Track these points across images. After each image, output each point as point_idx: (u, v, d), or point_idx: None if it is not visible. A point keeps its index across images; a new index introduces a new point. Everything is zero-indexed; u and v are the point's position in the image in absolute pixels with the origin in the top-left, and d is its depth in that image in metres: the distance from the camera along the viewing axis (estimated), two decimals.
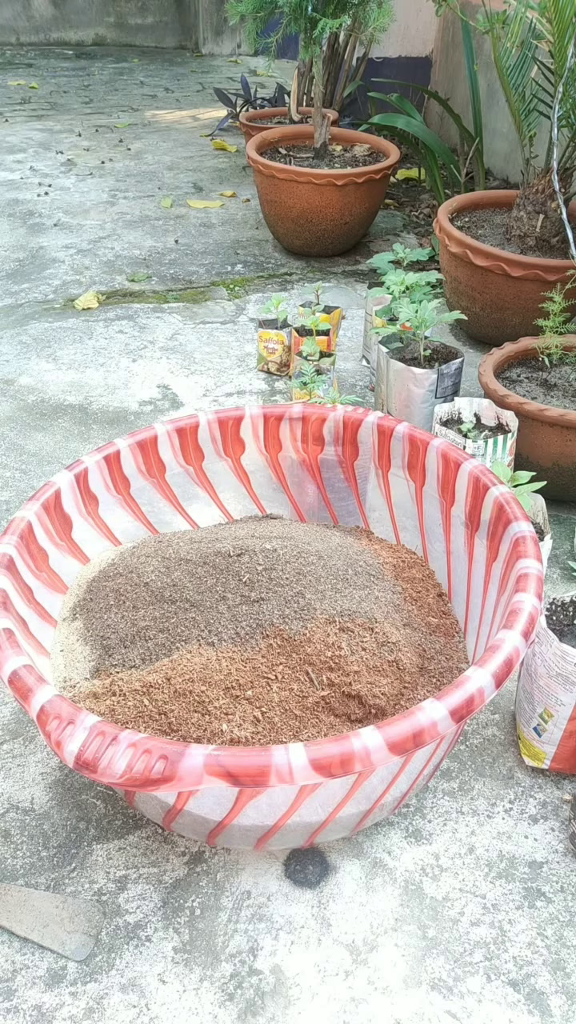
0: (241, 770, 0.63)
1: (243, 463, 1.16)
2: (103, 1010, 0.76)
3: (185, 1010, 0.76)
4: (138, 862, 0.87)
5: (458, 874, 0.87)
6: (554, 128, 1.62)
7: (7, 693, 1.05)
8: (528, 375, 1.44)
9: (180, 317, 2.00)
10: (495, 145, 2.79)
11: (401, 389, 1.40)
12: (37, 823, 0.91)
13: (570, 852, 0.89)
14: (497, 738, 1.01)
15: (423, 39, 3.28)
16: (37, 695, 0.69)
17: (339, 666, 0.86)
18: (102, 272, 2.21)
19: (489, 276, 1.69)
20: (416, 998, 0.77)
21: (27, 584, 0.90)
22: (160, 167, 3.04)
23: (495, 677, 0.71)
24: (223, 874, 0.86)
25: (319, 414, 1.12)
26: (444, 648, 0.98)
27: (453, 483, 1.02)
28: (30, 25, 4.90)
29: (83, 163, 3.03)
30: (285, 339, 1.71)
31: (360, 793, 0.77)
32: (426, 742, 0.66)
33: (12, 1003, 0.76)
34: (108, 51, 4.97)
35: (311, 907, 0.84)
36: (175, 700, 0.83)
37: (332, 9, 2.08)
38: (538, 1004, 0.77)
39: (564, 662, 0.86)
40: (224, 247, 2.39)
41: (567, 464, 1.31)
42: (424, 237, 2.49)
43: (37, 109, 3.72)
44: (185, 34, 5.11)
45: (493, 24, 1.63)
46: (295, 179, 2.13)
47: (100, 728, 0.66)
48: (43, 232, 2.43)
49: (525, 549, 0.86)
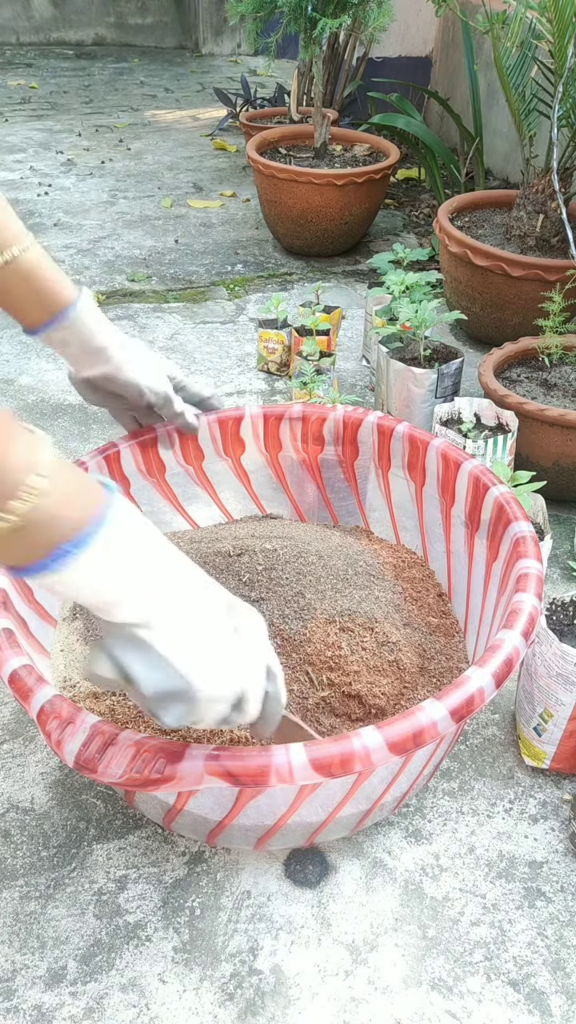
0: (241, 770, 0.63)
1: (243, 463, 1.16)
2: (103, 1010, 0.76)
3: (185, 1010, 0.76)
4: (138, 862, 0.87)
5: (458, 874, 0.87)
6: (554, 128, 1.62)
7: (7, 693, 1.05)
8: (528, 375, 1.44)
9: (180, 317, 2.00)
10: (495, 145, 2.79)
11: (401, 389, 1.40)
12: (37, 823, 0.91)
13: (570, 852, 0.89)
14: (497, 738, 1.01)
15: (423, 39, 3.28)
16: (37, 695, 0.69)
17: (339, 666, 0.86)
18: (102, 272, 2.21)
19: (489, 276, 1.69)
20: (416, 998, 0.77)
21: (27, 584, 0.90)
22: (160, 167, 3.04)
23: (495, 677, 0.71)
24: (223, 874, 0.86)
25: (319, 414, 1.12)
26: (444, 648, 0.98)
27: (453, 483, 1.02)
28: (30, 25, 4.90)
29: (83, 163, 3.03)
30: (285, 339, 1.71)
31: (360, 793, 0.77)
32: (426, 742, 0.66)
33: (12, 1003, 0.76)
34: (108, 51, 4.96)
35: (311, 907, 0.84)
36: None
37: (332, 9, 2.08)
38: (538, 1004, 0.77)
39: (564, 662, 0.86)
40: (224, 247, 2.39)
41: (567, 464, 1.31)
42: (424, 237, 2.49)
43: (37, 109, 3.72)
44: (185, 34, 5.11)
45: (493, 24, 1.63)
46: (295, 179, 2.13)
47: (100, 728, 0.66)
48: (43, 232, 2.43)
49: (525, 549, 0.86)
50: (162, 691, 0.53)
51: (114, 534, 0.50)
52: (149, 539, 0.53)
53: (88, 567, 0.49)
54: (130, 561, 0.51)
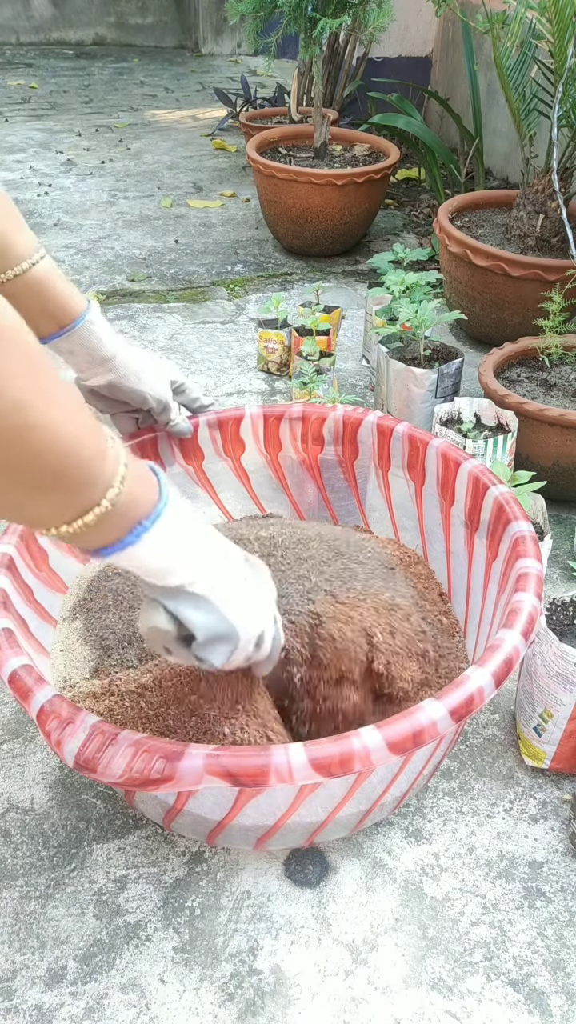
0: (241, 770, 0.63)
1: (243, 463, 1.16)
2: (103, 1010, 0.76)
3: (185, 1010, 0.76)
4: (138, 862, 0.87)
5: (458, 874, 0.87)
6: (554, 128, 1.62)
7: (7, 693, 1.05)
8: (528, 375, 1.44)
9: (180, 317, 2.00)
10: (495, 145, 2.79)
11: (401, 389, 1.40)
12: (37, 823, 0.91)
13: (570, 852, 0.89)
14: (497, 738, 1.01)
15: (423, 39, 3.28)
16: (37, 695, 0.69)
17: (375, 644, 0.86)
18: (102, 272, 2.21)
19: (489, 276, 1.69)
20: (416, 998, 0.77)
21: (27, 584, 0.90)
22: (160, 167, 3.04)
23: (495, 677, 0.71)
24: (223, 874, 0.86)
25: (319, 414, 1.12)
26: (452, 648, 0.98)
27: (453, 483, 1.02)
28: (30, 25, 4.90)
29: (83, 163, 3.03)
30: (285, 339, 1.71)
31: (360, 793, 0.77)
32: (426, 742, 0.66)
33: (12, 1003, 0.76)
34: (108, 51, 4.96)
35: (311, 907, 0.84)
36: (170, 705, 0.83)
37: (332, 9, 2.08)
38: (538, 1004, 0.77)
39: (564, 662, 0.86)
40: (224, 247, 2.39)
41: (567, 464, 1.31)
42: (424, 237, 2.49)
43: (37, 109, 3.72)
44: (185, 34, 5.11)
45: (493, 24, 1.63)
46: (295, 179, 2.13)
47: (100, 728, 0.66)
48: (43, 232, 2.43)
49: (525, 549, 0.86)
50: (213, 634, 0.62)
51: (171, 507, 0.57)
52: (189, 510, 0.61)
53: (156, 539, 0.56)
54: (183, 529, 0.58)
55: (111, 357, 0.90)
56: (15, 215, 0.81)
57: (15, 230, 0.80)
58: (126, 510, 0.53)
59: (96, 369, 0.91)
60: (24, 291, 0.82)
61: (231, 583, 0.63)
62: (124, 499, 0.52)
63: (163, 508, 0.56)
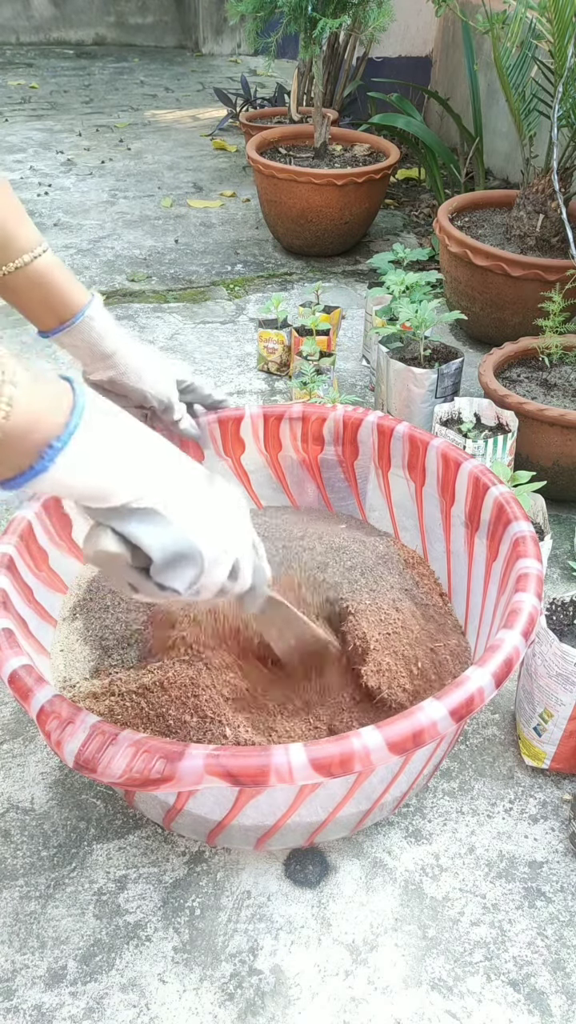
0: (241, 770, 0.63)
1: (243, 463, 1.16)
2: (103, 1010, 0.76)
3: (185, 1010, 0.76)
4: (138, 862, 0.87)
5: (458, 874, 0.87)
6: (554, 128, 1.62)
7: (7, 693, 1.05)
8: (528, 375, 1.44)
9: (180, 317, 2.00)
10: (495, 145, 2.79)
11: (401, 389, 1.40)
12: (37, 823, 0.91)
13: (570, 852, 0.89)
14: (497, 738, 1.01)
15: (423, 39, 3.28)
16: (37, 695, 0.69)
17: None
18: (102, 272, 2.21)
19: (489, 276, 1.69)
20: (416, 998, 0.77)
21: (27, 584, 0.90)
22: (160, 167, 3.04)
23: (495, 677, 0.71)
24: (223, 874, 0.86)
25: (319, 414, 1.12)
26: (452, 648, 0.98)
27: (453, 483, 1.02)
28: (30, 25, 4.90)
29: (83, 163, 3.03)
30: (285, 339, 1.71)
31: (360, 793, 0.77)
32: (426, 742, 0.66)
33: (12, 1003, 0.76)
34: (108, 51, 4.96)
35: (311, 907, 0.84)
36: (171, 705, 0.83)
37: (332, 9, 2.08)
38: (538, 1004, 0.77)
39: (564, 662, 0.86)
40: (224, 247, 2.39)
41: (567, 464, 1.31)
42: (424, 237, 2.49)
43: (37, 109, 3.72)
44: (185, 34, 5.11)
45: (493, 24, 1.63)
46: (295, 179, 2.13)
47: (100, 728, 0.66)
48: (43, 232, 2.43)
49: (525, 549, 0.86)
50: (171, 553, 0.55)
51: (93, 420, 0.51)
52: (123, 419, 0.55)
53: (76, 459, 0.50)
54: (114, 442, 0.53)
55: (111, 353, 0.89)
56: (18, 208, 0.80)
57: (17, 223, 0.80)
58: (25, 432, 0.47)
59: (97, 364, 0.90)
60: (25, 284, 0.81)
61: (186, 495, 0.57)
62: (19, 420, 0.47)
63: (77, 422, 0.50)
